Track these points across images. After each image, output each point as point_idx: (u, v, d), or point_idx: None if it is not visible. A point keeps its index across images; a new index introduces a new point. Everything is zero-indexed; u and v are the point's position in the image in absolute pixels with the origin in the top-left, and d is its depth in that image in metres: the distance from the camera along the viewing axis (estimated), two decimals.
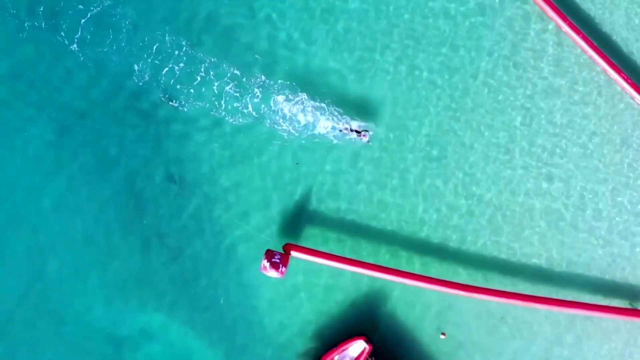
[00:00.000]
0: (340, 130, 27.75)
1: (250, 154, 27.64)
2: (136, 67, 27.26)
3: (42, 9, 27.12)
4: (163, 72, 27.28)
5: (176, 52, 27.58)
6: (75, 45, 27.11)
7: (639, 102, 28.01)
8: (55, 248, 26.70)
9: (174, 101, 27.42)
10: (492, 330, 27.49)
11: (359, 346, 26.55)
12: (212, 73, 27.55)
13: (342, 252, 26.99)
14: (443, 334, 27.38)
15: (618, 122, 28.34)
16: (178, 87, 27.36)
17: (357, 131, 27.78)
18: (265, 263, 26.16)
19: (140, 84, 27.30)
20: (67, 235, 26.76)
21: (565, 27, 28.03)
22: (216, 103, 27.49)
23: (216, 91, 27.46)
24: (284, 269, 26.26)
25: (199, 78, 27.51)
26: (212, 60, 27.63)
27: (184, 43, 27.58)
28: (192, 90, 27.38)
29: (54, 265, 26.67)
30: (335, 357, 26.64)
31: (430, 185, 27.93)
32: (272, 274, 26.19)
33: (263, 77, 27.69)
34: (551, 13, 28.08)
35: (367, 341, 26.42)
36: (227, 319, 26.99)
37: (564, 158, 28.17)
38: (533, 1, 28.20)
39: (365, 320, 27.26)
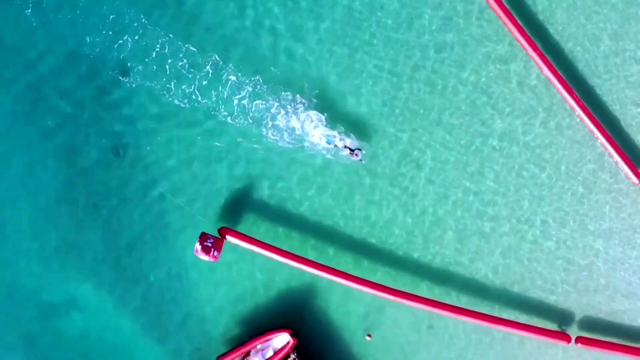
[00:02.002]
0: (336, 145, 27.27)
1: (199, 137, 27.38)
2: (88, 39, 27.07)
3: None
4: (115, 46, 27.06)
5: (135, 24, 27.31)
6: (29, 10, 26.96)
7: (596, 135, 27.56)
8: None
9: (124, 77, 27.23)
10: (418, 337, 27.25)
11: (283, 339, 26.46)
12: (167, 49, 27.31)
13: (281, 244, 26.69)
14: (369, 335, 27.25)
15: (570, 149, 27.85)
16: (129, 64, 27.15)
17: (350, 149, 27.29)
18: (198, 246, 26.12)
19: (92, 56, 27.12)
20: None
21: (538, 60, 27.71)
22: (167, 85, 27.22)
23: (168, 71, 27.18)
24: (216, 253, 26.17)
25: (154, 54, 27.28)
26: (170, 36, 27.37)
27: (142, 15, 27.34)
28: (140, 67, 27.10)
29: None
30: (258, 346, 26.63)
31: (380, 190, 27.55)
32: (204, 257, 26.12)
33: (217, 57, 27.38)
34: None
35: (292, 335, 26.37)
36: (155, 297, 26.98)
37: (515, 181, 27.76)
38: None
39: (294, 314, 27.13)
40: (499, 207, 27.59)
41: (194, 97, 27.25)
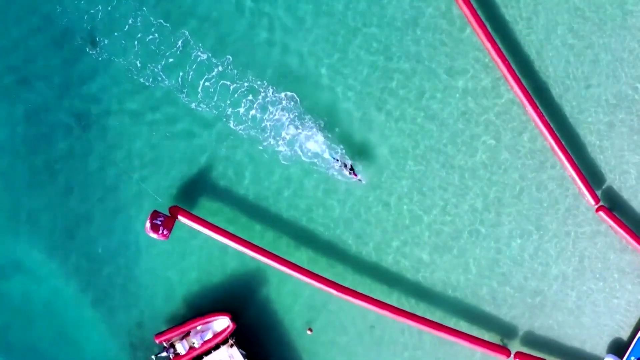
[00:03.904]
0: (336, 160, 27.33)
1: (162, 117, 27.44)
2: (59, 8, 27.11)
3: None
4: (85, 17, 27.03)
5: None
6: None
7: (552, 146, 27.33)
8: None
9: (92, 48, 27.17)
10: (359, 336, 27.13)
11: (223, 322, 26.52)
12: (139, 22, 27.22)
13: (234, 230, 26.68)
14: (310, 329, 27.20)
15: (529, 167, 27.65)
16: (98, 38, 27.14)
17: (351, 169, 27.32)
18: (147, 223, 26.19)
19: (61, 24, 27.11)
20: None
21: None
22: (136, 62, 27.16)
23: (137, 47, 27.15)
24: (165, 231, 26.21)
25: (126, 27, 27.23)
26: (143, 9, 27.30)
27: None
28: (107, 41, 27.12)
29: None
30: (199, 327, 26.76)
31: (339, 185, 27.53)
32: (153, 235, 26.17)
33: (187, 33, 27.24)
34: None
35: (232, 319, 26.39)
36: (102, 270, 27.11)
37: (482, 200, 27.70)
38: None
39: (237, 299, 27.12)
40: (451, 217, 27.53)
41: (159, 78, 27.23)
